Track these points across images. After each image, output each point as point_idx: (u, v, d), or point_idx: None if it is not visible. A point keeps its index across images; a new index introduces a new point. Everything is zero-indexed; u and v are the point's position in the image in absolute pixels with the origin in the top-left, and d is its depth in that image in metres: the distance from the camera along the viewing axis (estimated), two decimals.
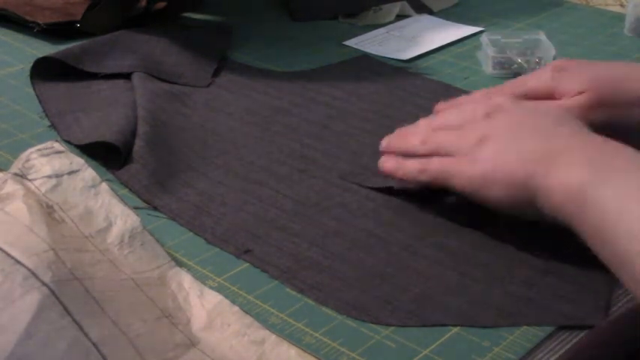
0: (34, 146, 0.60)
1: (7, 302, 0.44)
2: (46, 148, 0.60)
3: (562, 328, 0.51)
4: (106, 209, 0.57)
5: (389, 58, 0.88)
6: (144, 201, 0.63)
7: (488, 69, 0.85)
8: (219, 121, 0.74)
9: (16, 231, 0.49)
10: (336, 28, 0.96)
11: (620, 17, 0.97)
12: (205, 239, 0.59)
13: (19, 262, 0.46)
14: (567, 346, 0.50)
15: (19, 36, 0.93)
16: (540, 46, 0.86)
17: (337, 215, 0.61)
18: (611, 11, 1.02)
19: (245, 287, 0.54)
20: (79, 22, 0.90)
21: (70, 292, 0.46)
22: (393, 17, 0.98)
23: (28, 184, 0.56)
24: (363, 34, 0.94)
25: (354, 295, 0.53)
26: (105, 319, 0.46)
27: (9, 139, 0.71)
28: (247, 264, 0.56)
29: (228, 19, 0.98)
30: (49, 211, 0.53)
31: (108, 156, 0.67)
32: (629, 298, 0.53)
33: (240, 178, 0.66)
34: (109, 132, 0.68)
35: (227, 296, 0.53)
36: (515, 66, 0.84)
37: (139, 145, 0.67)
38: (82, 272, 0.48)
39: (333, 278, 0.55)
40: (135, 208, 0.60)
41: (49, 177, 0.57)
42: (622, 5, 1.03)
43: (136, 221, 0.56)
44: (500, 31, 0.92)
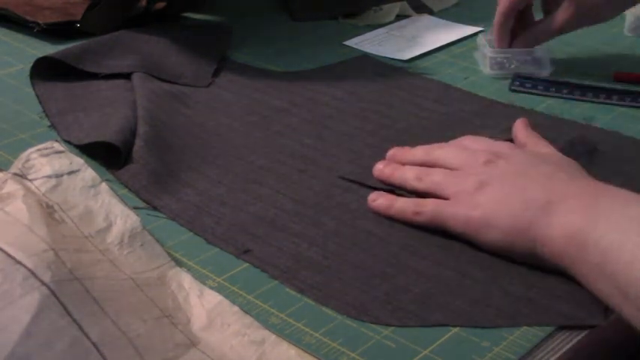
0: (34, 146, 0.60)
1: (7, 302, 0.44)
2: (46, 148, 0.60)
3: (562, 328, 0.51)
4: (106, 209, 0.57)
5: (389, 58, 0.88)
6: (144, 201, 0.63)
7: (486, 69, 0.85)
8: (219, 121, 0.74)
9: (16, 231, 0.49)
10: (336, 28, 0.96)
11: (620, 17, 0.97)
12: (205, 239, 0.59)
13: (19, 262, 0.46)
14: (567, 346, 0.50)
15: (19, 36, 0.93)
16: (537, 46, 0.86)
17: (337, 215, 0.61)
18: None
19: (245, 287, 0.54)
20: (79, 22, 0.90)
21: (70, 292, 0.46)
22: (393, 17, 0.98)
23: (28, 184, 0.56)
24: (363, 34, 0.94)
25: (354, 295, 0.53)
26: (105, 319, 0.46)
27: (9, 139, 0.71)
28: (247, 264, 0.56)
29: (228, 19, 0.98)
30: (49, 211, 0.53)
31: (108, 156, 0.67)
32: None
33: (240, 178, 0.66)
34: (109, 132, 0.68)
35: (227, 296, 0.53)
36: (513, 66, 0.84)
37: (138, 145, 0.67)
38: (82, 272, 0.48)
39: (333, 278, 0.55)
40: (135, 208, 0.60)
41: (49, 177, 0.57)
42: None
43: (136, 221, 0.56)
44: None
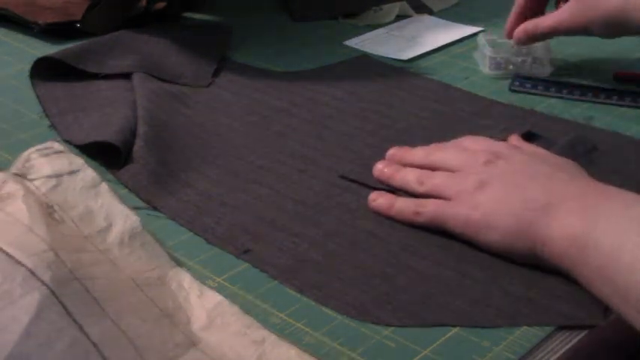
0: (34, 146, 0.60)
1: (7, 302, 0.44)
2: (46, 148, 0.60)
3: (562, 328, 0.51)
4: (106, 209, 0.57)
5: (389, 58, 0.88)
6: (144, 201, 0.63)
7: (486, 69, 0.85)
8: (219, 121, 0.74)
9: (16, 231, 0.49)
10: (336, 28, 0.96)
11: None
12: (205, 239, 0.59)
13: (19, 262, 0.46)
14: (567, 346, 0.50)
15: (19, 36, 0.93)
16: (537, 46, 0.86)
17: (337, 215, 0.61)
18: None
19: (245, 287, 0.54)
20: (79, 22, 0.90)
21: (70, 292, 0.46)
22: (393, 17, 0.98)
23: (28, 184, 0.56)
24: (363, 34, 0.94)
25: (354, 295, 0.53)
26: (105, 319, 0.46)
27: (9, 139, 0.71)
28: (247, 264, 0.56)
29: (228, 19, 0.98)
30: (49, 211, 0.53)
31: (108, 156, 0.67)
32: None
33: (240, 178, 0.66)
34: (109, 132, 0.68)
35: (227, 296, 0.53)
36: (512, 66, 0.84)
37: (139, 145, 0.67)
38: (82, 272, 0.48)
39: (333, 278, 0.55)
40: (135, 208, 0.60)
41: (49, 177, 0.57)
42: None
43: (136, 221, 0.56)
44: (498, 32, 0.92)
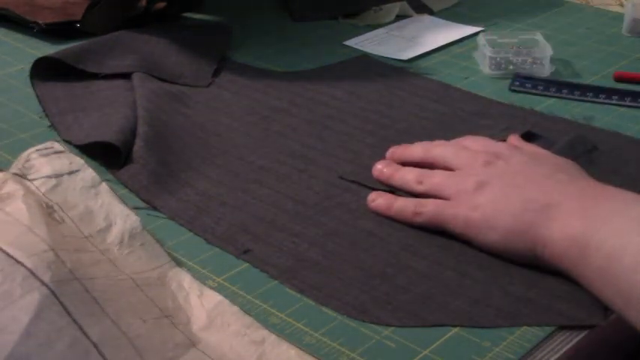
0: (34, 146, 0.60)
1: (7, 302, 0.44)
2: (46, 148, 0.60)
3: (562, 328, 0.51)
4: (106, 209, 0.57)
5: (389, 58, 0.88)
6: (144, 201, 0.63)
7: (486, 69, 0.85)
8: (219, 121, 0.74)
9: (16, 231, 0.49)
10: (336, 28, 0.96)
11: (619, 17, 0.97)
12: (205, 239, 0.59)
13: (19, 262, 0.46)
14: (567, 346, 0.50)
15: (19, 36, 0.93)
16: (537, 46, 0.86)
17: (337, 215, 0.61)
18: (611, 11, 1.02)
19: (245, 287, 0.54)
20: (79, 22, 0.90)
21: (70, 292, 0.46)
22: (393, 17, 0.98)
23: (28, 184, 0.56)
24: (363, 34, 0.94)
25: (354, 295, 0.53)
26: (105, 319, 0.46)
27: (9, 139, 0.71)
28: (247, 264, 0.56)
29: (228, 19, 0.98)
30: (49, 211, 0.53)
31: (108, 156, 0.67)
32: None
33: (240, 178, 0.66)
34: (109, 132, 0.68)
35: (227, 296, 0.53)
36: (512, 67, 0.84)
37: (138, 145, 0.67)
38: (82, 272, 0.48)
39: (333, 278, 0.55)
40: (135, 208, 0.60)
41: (49, 177, 0.57)
42: (622, 5, 1.03)
43: (136, 221, 0.56)
44: (498, 32, 0.92)
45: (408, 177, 0.62)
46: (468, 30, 0.95)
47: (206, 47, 0.87)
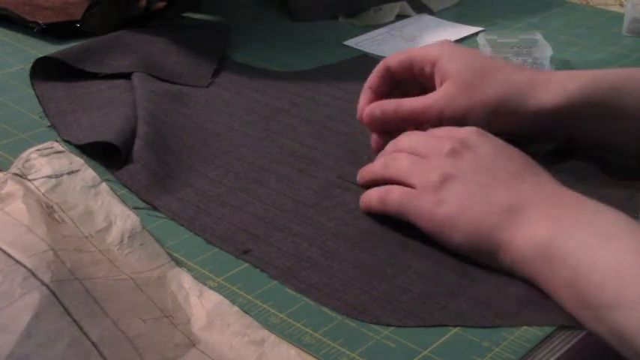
0: (34, 146, 0.60)
1: (7, 302, 0.44)
2: (46, 148, 0.60)
3: (562, 328, 0.51)
4: (106, 209, 0.57)
5: None
6: (144, 201, 0.63)
7: None
8: (219, 121, 0.74)
9: (16, 231, 0.49)
10: (336, 28, 0.96)
11: (619, 17, 0.97)
12: (205, 239, 0.59)
13: (19, 262, 0.46)
14: (567, 346, 0.50)
15: (19, 36, 0.93)
16: (537, 46, 0.86)
17: (337, 215, 0.61)
18: (611, 11, 1.02)
19: (245, 287, 0.54)
20: (79, 22, 0.91)
21: (70, 292, 0.46)
22: (393, 17, 0.98)
23: (28, 184, 0.56)
24: (363, 34, 0.94)
25: (354, 295, 0.53)
26: (105, 319, 0.46)
27: (9, 139, 0.71)
28: (247, 264, 0.56)
29: (227, 19, 0.98)
30: (49, 211, 0.53)
31: (108, 156, 0.67)
32: None
33: (240, 178, 0.66)
34: (108, 132, 0.68)
35: (227, 296, 0.53)
36: None
37: (138, 145, 0.67)
38: (82, 272, 0.48)
39: (333, 278, 0.55)
40: (135, 208, 0.60)
41: (49, 177, 0.57)
42: (622, 5, 1.03)
43: (136, 221, 0.56)
44: (497, 32, 0.92)
45: (376, 165, 0.62)
46: (468, 30, 0.95)
47: (206, 47, 0.87)
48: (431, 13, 1.01)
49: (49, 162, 0.58)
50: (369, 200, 0.60)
